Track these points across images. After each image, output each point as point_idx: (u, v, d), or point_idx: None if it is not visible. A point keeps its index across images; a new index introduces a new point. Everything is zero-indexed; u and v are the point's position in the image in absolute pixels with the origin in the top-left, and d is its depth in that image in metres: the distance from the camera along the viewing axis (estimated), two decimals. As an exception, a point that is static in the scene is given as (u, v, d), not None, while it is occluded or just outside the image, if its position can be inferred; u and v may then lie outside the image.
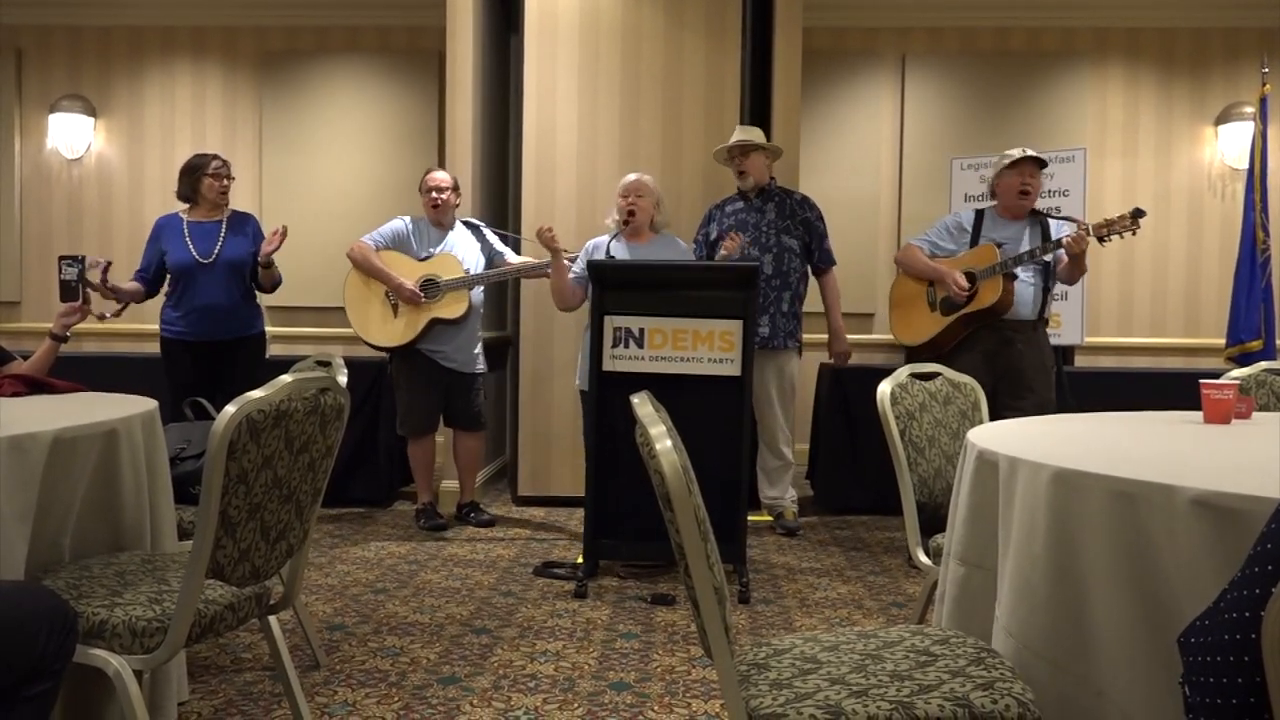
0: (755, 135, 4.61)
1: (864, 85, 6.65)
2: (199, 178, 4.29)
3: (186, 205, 4.36)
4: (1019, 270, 4.06)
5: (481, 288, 4.67)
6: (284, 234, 4.25)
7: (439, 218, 4.65)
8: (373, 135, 6.70)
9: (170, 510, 2.43)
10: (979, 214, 4.28)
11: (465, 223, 4.77)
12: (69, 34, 6.85)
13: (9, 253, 6.86)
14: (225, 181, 4.32)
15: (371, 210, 6.52)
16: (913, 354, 4.34)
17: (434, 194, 4.61)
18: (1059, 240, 3.99)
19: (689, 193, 5.17)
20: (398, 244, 4.60)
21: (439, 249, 4.60)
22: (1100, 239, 3.98)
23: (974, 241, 4.20)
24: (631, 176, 4.39)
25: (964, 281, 4.07)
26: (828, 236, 4.67)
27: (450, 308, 4.51)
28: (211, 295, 4.25)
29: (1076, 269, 4.06)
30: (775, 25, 5.18)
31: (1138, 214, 3.90)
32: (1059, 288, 5.28)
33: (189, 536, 2.60)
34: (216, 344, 4.29)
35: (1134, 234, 3.97)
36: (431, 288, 4.50)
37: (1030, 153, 4.16)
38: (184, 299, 4.27)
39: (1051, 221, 4.23)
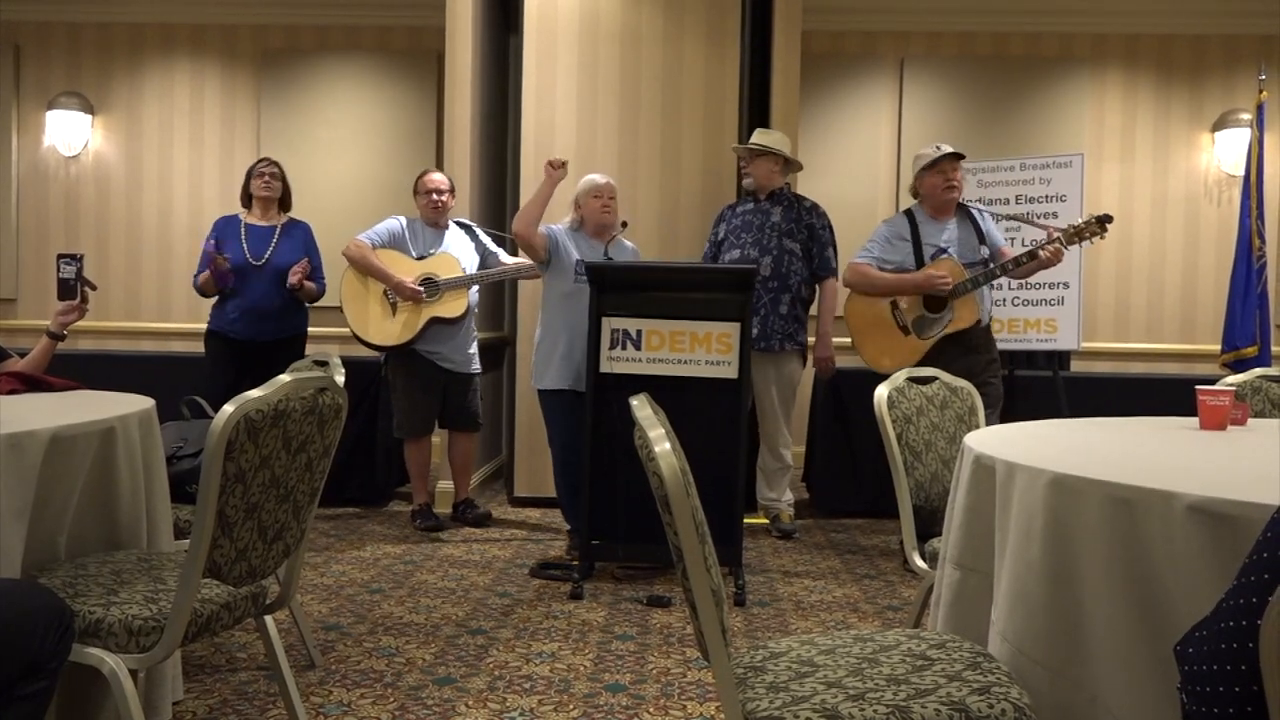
0: (773, 140, 4.61)
1: (862, 89, 6.66)
2: (249, 180, 4.66)
3: (245, 210, 4.69)
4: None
5: (478, 288, 4.67)
6: (305, 272, 4.55)
7: (437, 219, 4.66)
8: (371, 135, 6.70)
9: (167, 509, 2.43)
10: (909, 217, 4.26)
11: (458, 223, 4.77)
12: (67, 30, 6.84)
13: (6, 250, 6.85)
14: (268, 179, 4.61)
15: (370, 209, 6.51)
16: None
17: (434, 196, 4.62)
18: (1033, 250, 3.98)
19: (687, 195, 5.17)
20: (393, 243, 4.61)
21: (434, 249, 4.60)
22: (1069, 244, 4.00)
23: (916, 247, 4.16)
24: (601, 178, 4.28)
25: (944, 271, 4.06)
26: (831, 245, 4.63)
27: (449, 307, 4.52)
28: (259, 296, 4.52)
29: (1031, 273, 4.08)
30: (774, 28, 5.18)
31: (1105, 220, 3.91)
32: (1057, 293, 5.31)
33: (185, 535, 2.60)
34: (260, 344, 4.51)
35: (1101, 239, 3.98)
36: (430, 286, 4.50)
37: (946, 148, 4.17)
38: (235, 297, 4.52)
39: (972, 211, 4.24)
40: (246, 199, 4.69)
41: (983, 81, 6.60)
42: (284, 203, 4.71)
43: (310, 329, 6.66)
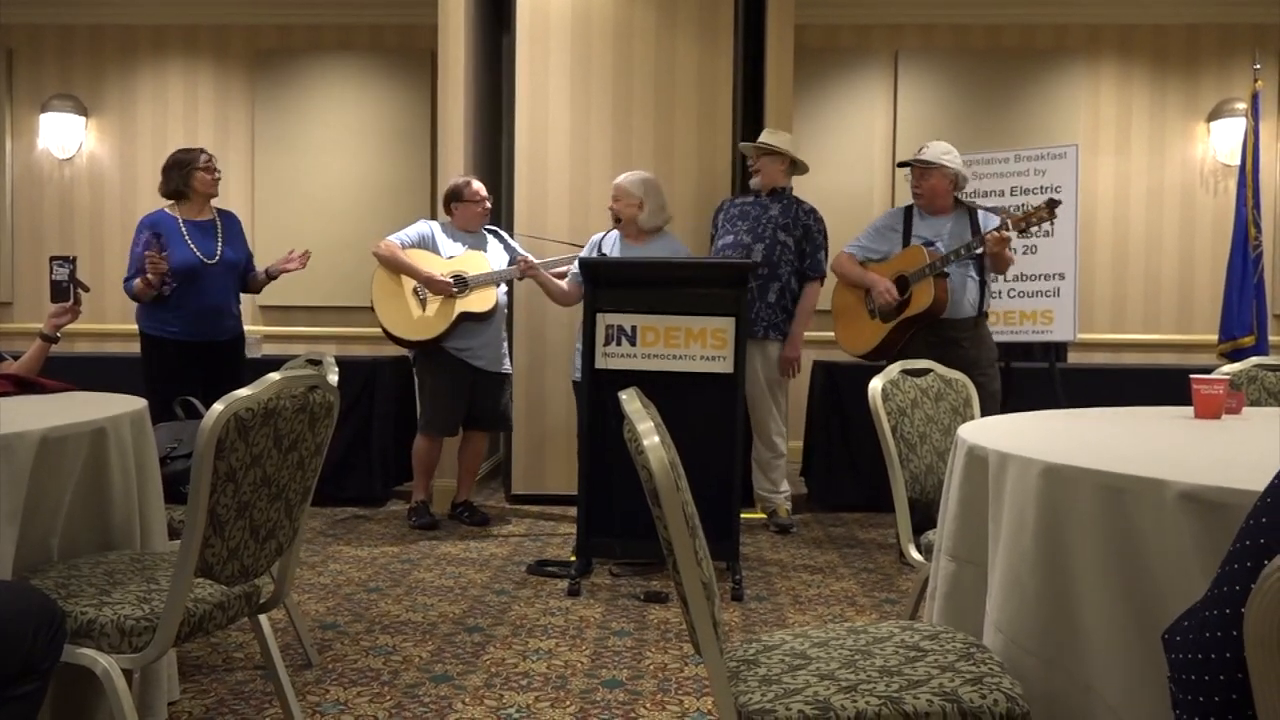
0: (781, 141, 4.65)
1: (857, 82, 6.64)
2: (190, 172, 4.19)
3: (171, 202, 4.27)
4: (954, 268, 4.06)
5: (506, 288, 4.69)
6: (305, 260, 4.37)
7: (479, 225, 4.69)
8: (365, 134, 6.68)
9: (160, 509, 2.42)
10: (907, 211, 4.30)
11: (489, 230, 4.80)
12: (60, 33, 6.82)
13: (0, 253, 6.83)
14: (216, 174, 4.27)
15: (365, 209, 6.52)
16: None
17: (486, 203, 4.68)
18: (982, 237, 3.99)
19: (681, 191, 5.16)
20: (422, 245, 4.62)
21: (464, 253, 4.62)
22: (1020, 232, 4.01)
23: (905, 240, 4.20)
24: (619, 177, 4.38)
25: (895, 291, 4.10)
26: (823, 249, 4.66)
27: (479, 302, 4.55)
28: (212, 296, 4.20)
29: (998, 263, 4.04)
30: (768, 23, 5.17)
31: (1052, 204, 3.94)
32: (1052, 284, 5.30)
33: (179, 536, 2.59)
34: (202, 345, 4.20)
35: (1050, 223, 3.99)
36: (460, 283, 4.52)
37: (919, 155, 4.18)
38: (183, 299, 4.14)
39: (980, 212, 4.24)
40: (176, 192, 4.22)
41: (977, 74, 6.59)
42: None
43: (306, 329, 6.68)
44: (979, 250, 4.01)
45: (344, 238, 6.42)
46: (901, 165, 4.32)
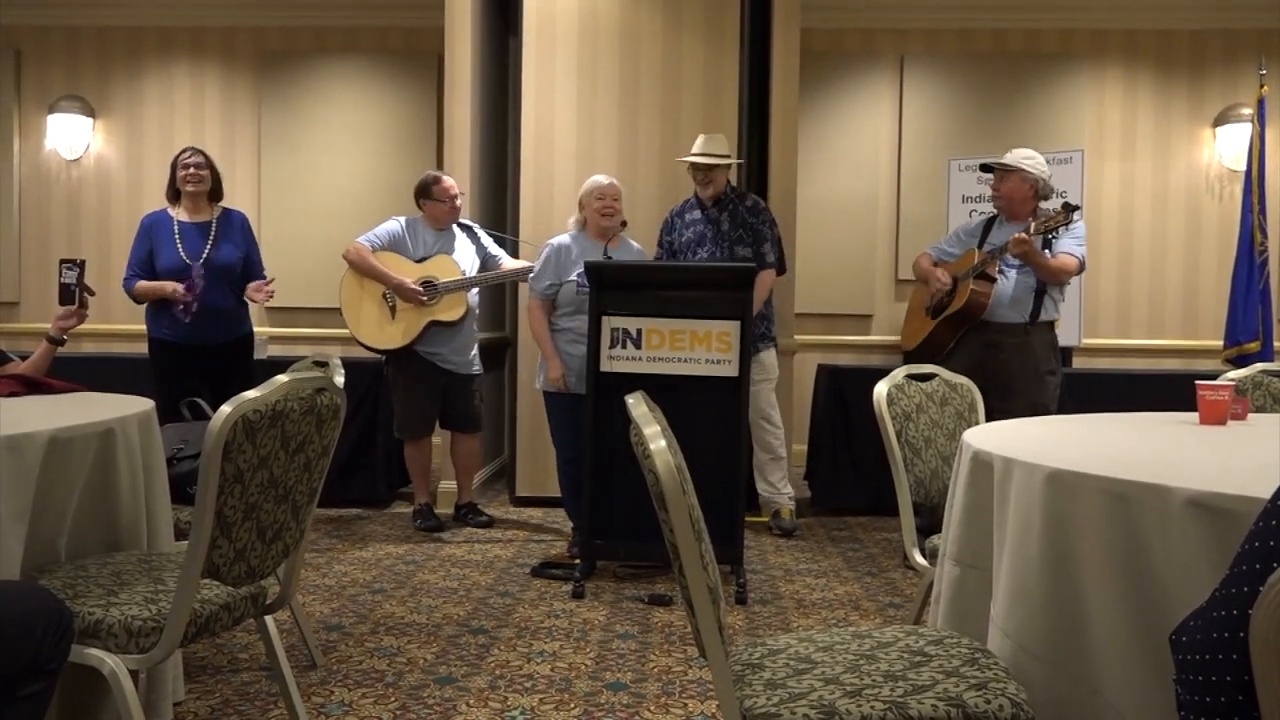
0: (722, 146, 4.53)
1: (862, 86, 6.65)
2: (175, 172, 4.25)
3: (173, 205, 4.30)
4: (1017, 274, 4.06)
5: (478, 289, 4.67)
6: (270, 293, 4.28)
7: (448, 222, 4.64)
8: (371, 136, 6.70)
9: (167, 510, 2.43)
10: (991, 218, 4.31)
11: (460, 224, 4.75)
12: (67, 34, 6.85)
13: (8, 253, 6.86)
14: (192, 170, 4.20)
15: (370, 211, 6.51)
16: (912, 358, 4.34)
17: (456, 201, 4.61)
18: (1005, 244, 3.98)
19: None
20: (394, 245, 4.58)
21: (435, 251, 4.60)
22: (1043, 234, 3.99)
23: (980, 244, 4.22)
24: (604, 180, 4.28)
25: (945, 278, 4.15)
26: (768, 240, 4.53)
27: (449, 310, 4.51)
28: (205, 298, 4.14)
29: (1039, 270, 4.01)
30: (773, 27, 5.18)
31: (1069, 208, 3.93)
32: (1062, 290, 5.28)
33: (187, 536, 2.60)
34: (208, 347, 4.20)
35: (1068, 226, 3.98)
36: (430, 289, 4.49)
37: (998, 159, 4.16)
38: (179, 302, 4.13)
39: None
40: (174, 194, 4.27)
41: (983, 78, 6.59)
42: (215, 193, 4.31)
43: (311, 330, 6.69)
44: (1005, 254, 4.01)
45: (349, 239, 6.40)
46: (983, 169, 4.24)
